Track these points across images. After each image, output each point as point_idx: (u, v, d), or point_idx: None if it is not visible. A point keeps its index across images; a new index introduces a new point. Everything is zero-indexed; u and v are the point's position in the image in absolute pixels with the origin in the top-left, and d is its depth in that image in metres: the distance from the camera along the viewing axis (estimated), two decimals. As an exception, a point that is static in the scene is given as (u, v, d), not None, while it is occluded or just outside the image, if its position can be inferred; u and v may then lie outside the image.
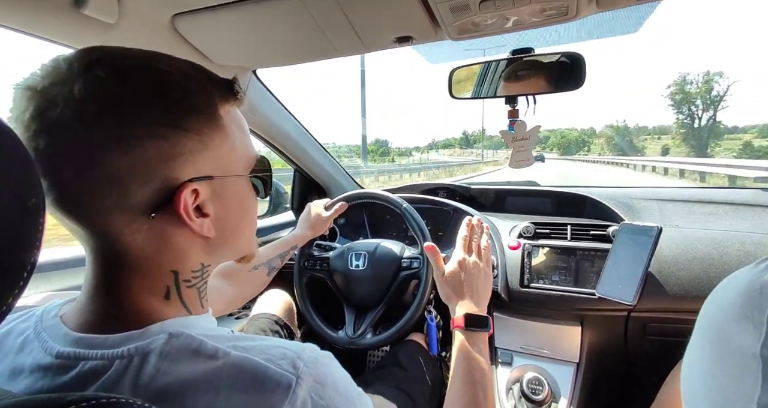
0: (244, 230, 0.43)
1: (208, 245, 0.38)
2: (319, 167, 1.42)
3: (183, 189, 0.33)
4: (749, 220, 0.97)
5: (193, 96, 0.34)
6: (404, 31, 0.73)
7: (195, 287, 0.39)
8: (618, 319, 0.91)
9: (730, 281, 0.33)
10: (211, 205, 0.36)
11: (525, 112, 0.81)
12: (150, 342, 0.31)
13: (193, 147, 0.33)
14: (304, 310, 1.03)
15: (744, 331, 0.27)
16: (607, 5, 0.60)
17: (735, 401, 0.27)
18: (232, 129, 0.37)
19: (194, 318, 0.38)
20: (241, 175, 0.40)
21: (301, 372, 0.31)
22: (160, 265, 0.35)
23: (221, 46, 0.82)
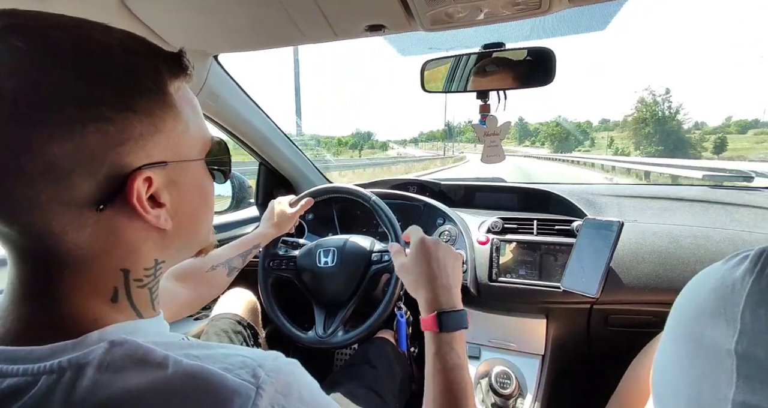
0: (202, 220, 0.40)
1: (163, 239, 0.35)
2: (285, 160, 1.37)
3: (135, 177, 0.29)
4: (699, 214, 1.03)
5: (138, 72, 0.30)
6: (376, 19, 0.71)
7: (147, 287, 0.35)
8: (581, 311, 0.94)
9: (701, 277, 0.33)
10: (166, 194, 0.33)
11: (496, 108, 0.81)
12: (87, 353, 0.27)
13: (144, 130, 0.30)
14: (270, 312, 0.99)
15: (717, 327, 0.28)
16: (579, 0, 0.60)
17: (709, 397, 0.27)
18: (184, 109, 0.34)
19: (142, 322, 0.34)
20: (198, 160, 0.37)
21: (262, 382, 0.28)
22: (108, 264, 0.31)
23: (179, 28, 0.76)
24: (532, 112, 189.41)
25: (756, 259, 0.28)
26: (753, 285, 0.27)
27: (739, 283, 0.28)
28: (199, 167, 0.37)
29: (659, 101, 73.23)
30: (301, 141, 9.68)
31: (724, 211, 1.04)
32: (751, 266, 0.28)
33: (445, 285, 0.55)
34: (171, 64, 0.33)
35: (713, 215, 1.01)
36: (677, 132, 71.12)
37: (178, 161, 0.34)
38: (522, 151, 70.80)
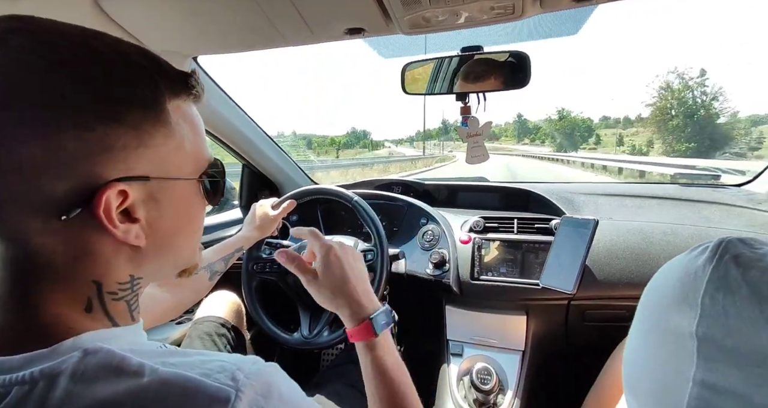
0: (184, 241, 0.38)
1: (137, 256, 0.34)
2: (269, 162, 1.37)
3: (106, 189, 0.29)
4: (671, 212, 1.07)
5: (135, 85, 0.30)
6: (355, 22, 0.72)
7: (123, 300, 0.34)
8: (559, 307, 0.97)
9: (667, 268, 0.35)
10: (143, 210, 0.32)
11: (476, 109, 0.82)
12: (60, 362, 0.26)
13: (128, 142, 0.29)
14: (254, 316, 0.98)
15: (681, 313, 0.30)
16: (550, 6, 0.62)
17: (673, 379, 0.29)
18: (181, 127, 0.34)
19: (119, 330, 0.33)
20: (188, 179, 0.36)
21: (242, 384, 0.28)
22: (80, 275, 0.31)
23: (155, 29, 0.75)
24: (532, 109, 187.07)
25: (715, 249, 0.30)
26: (712, 272, 0.29)
27: (700, 270, 0.30)
28: (189, 187, 0.36)
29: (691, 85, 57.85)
30: (284, 141, 9.58)
31: (693, 208, 1.08)
32: (711, 255, 0.30)
33: (364, 289, 0.55)
34: (175, 82, 0.33)
35: (683, 212, 1.06)
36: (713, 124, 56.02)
37: (163, 178, 0.33)
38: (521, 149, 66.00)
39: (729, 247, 0.30)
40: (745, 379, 0.25)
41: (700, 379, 0.27)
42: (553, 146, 73.11)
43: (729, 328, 0.26)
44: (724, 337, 0.27)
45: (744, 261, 0.28)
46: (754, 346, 0.25)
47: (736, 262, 0.28)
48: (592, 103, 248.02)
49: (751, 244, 0.30)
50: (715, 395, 0.26)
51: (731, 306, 0.27)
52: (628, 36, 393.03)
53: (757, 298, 0.26)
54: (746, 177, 1.21)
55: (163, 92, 0.32)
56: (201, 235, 0.42)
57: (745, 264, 0.28)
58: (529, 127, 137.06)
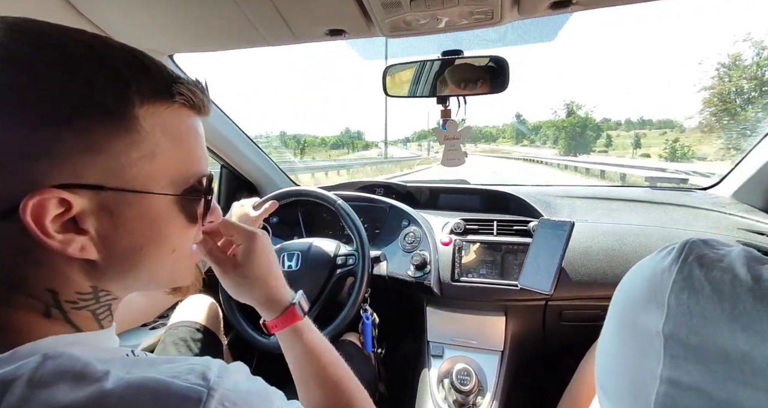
0: (157, 260, 0.34)
1: (93, 269, 0.31)
2: (248, 163, 1.34)
3: (35, 195, 0.26)
4: (642, 214, 1.11)
5: (95, 86, 0.28)
6: (336, 24, 0.71)
7: (87, 309, 0.32)
8: (537, 307, 0.99)
9: (636, 269, 0.36)
10: (93, 221, 0.29)
11: (456, 112, 0.83)
12: (16, 368, 0.25)
13: (76, 147, 0.27)
14: (232, 319, 0.96)
15: (649, 313, 0.31)
16: (527, 13, 0.63)
17: (642, 377, 0.30)
18: (154, 136, 0.31)
19: (84, 335, 0.32)
20: (160, 194, 0.32)
21: (213, 383, 0.27)
22: (32, 281, 0.29)
23: (130, 26, 0.73)
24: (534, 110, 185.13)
25: (681, 250, 0.31)
26: (678, 272, 0.30)
27: (666, 271, 0.31)
28: (164, 202, 0.33)
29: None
30: (266, 141, 9.35)
31: (663, 210, 1.12)
32: (677, 256, 0.31)
33: (280, 276, 0.55)
34: (153, 86, 0.30)
35: (654, 215, 1.10)
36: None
37: (122, 190, 0.30)
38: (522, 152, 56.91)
39: (693, 248, 0.31)
40: (708, 375, 0.26)
41: (667, 377, 0.28)
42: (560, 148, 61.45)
43: (693, 327, 0.27)
44: (688, 335, 0.28)
45: (707, 261, 0.29)
46: (716, 343, 0.26)
47: (700, 263, 0.30)
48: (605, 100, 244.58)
49: (714, 245, 0.31)
50: (680, 392, 0.27)
51: (695, 305, 0.28)
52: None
53: (718, 297, 0.27)
54: (711, 181, 1.27)
55: (131, 96, 0.29)
56: (188, 254, 0.39)
57: (708, 264, 0.29)
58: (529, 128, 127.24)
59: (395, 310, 1.16)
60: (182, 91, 0.32)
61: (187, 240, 0.37)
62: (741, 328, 0.26)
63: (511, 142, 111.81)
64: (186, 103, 0.33)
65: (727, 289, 0.27)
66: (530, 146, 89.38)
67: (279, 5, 0.64)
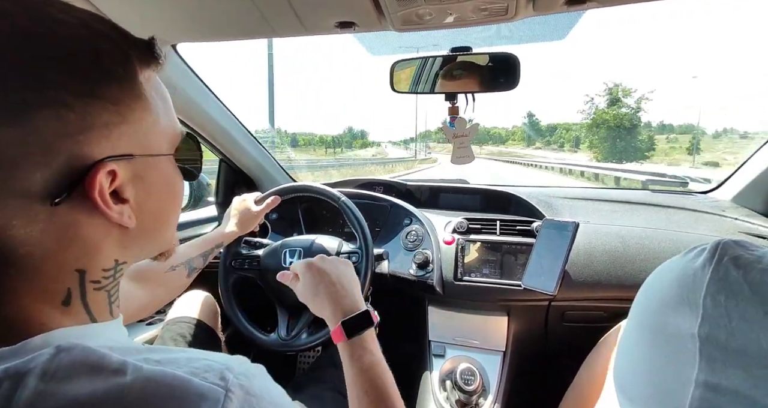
0: (168, 220, 0.38)
1: (125, 237, 0.33)
2: (247, 157, 1.32)
3: (98, 169, 0.27)
4: (643, 216, 1.11)
5: (107, 56, 0.28)
6: (347, 16, 0.70)
7: (105, 289, 0.32)
8: (540, 308, 0.99)
9: (663, 271, 0.35)
10: (131, 189, 0.31)
11: (465, 110, 0.83)
12: (28, 360, 0.24)
13: (109, 119, 0.28)
14: (230, 314, 0.95)
15: (680, 315, 0.30)
16: (542, 9, 0.63)
17: (673, 381, 0.29)
18: (154, 100, 0.32)
19: (96, 326, 0.31)
20: (167, 155, 0.35)
21: (231, 384, 0.26)
22: (62, 264, 0.29)
23: (134, 14, 0.71)
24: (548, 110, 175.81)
25: (713, 250, 0.30)
26: (713, 273, 0.29)
27: (699, 272, 0.30)
28: (169, 163, 0.35)
29: None
30: (264, 138, 9.24)
31: (664, 213, 1.13)
32: (710, 256, 0.30)
33: (343, 293, 0.59)
34: (143, 51, 0.31)
35: (655, 217, 1.10)
36: None
37: (146, 155, 0.32)
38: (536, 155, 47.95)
39: (727, 248, 0.30)
40: (750, 380, 0.25)
41: (703, 381, 0.27)
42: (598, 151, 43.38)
43: (732, 330, 0.27)
44: (727, 338, 0.27)
45: (743, 262, 0.28)
46: (759, 347, 0.25)
47: (736, 264, 0.29)
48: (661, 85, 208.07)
49: (747, 246, 0.30)
50: (718, 396, 0.26)
51: (734, 307, 0.27)
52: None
53: (759, 299, 0.26)
54: (711, 185, 1.28)
55: (134, 63, 0.30)
56: (179, 215, 0.41)
57: (745, 265, 0.28)
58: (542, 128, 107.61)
59: (397, 309, 1.15)
60: (159, 54, 0.33)
61: (182, 199, 0.40)
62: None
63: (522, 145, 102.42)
64: (162, 64, 0.34)
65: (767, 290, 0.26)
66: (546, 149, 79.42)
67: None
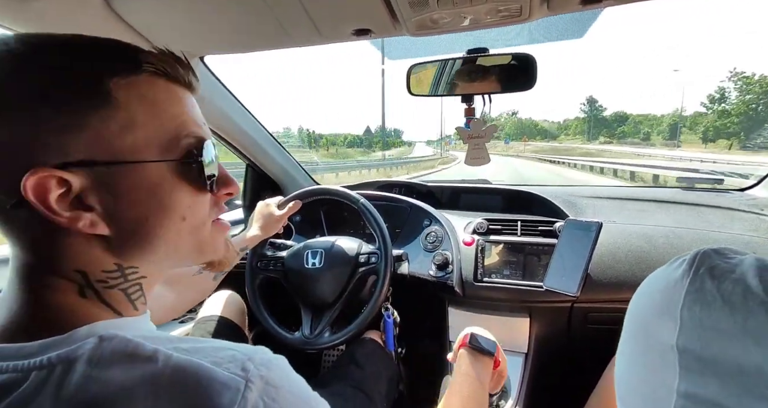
0: (167, 230, 0.34)
1: (110, 244, 0.32)
2: (272, 162, 1.37)
3: (31, 176, 0.27)
4: (673, 215, 1.07)
5: (68, 68, 0.29)
6: (363, 23, 0.72)
7: (118, 289, 0.33)
8: (563, 309, 0.97)
9: (650, 280, 0.36)
10: (95, 197, 0.30)
11: (482, 111, 0.83)
12: (76, 348, 0.27)
13: (58, 126, 0.28)
14: (257, 313, 0.99)
15: (662, 325, 0.30)
16: (557, 9, 0.62)
17: (659, 391, 0.30)
18: (129, 106, 0.31)
19: (128, 320, 0.34)
20: (150, 162, 0.32)
21: (251, 374, 0.28)
22: (61, 263, 0.31)
23: (164, 29, 0.75)
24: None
25: (692, 261, 0.31)
26: (690, 284, 0.30)
27: (679, 283, 0.30)
28: (159, 170, 0.33)
29: None
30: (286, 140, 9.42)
31: (695, 212, 1.08)
32: (688, 267, 0.31)
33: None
34: (121, 59, 0.32)
35: (685, 216, 1.06)
36: None
37: (112, 162, 0.30)
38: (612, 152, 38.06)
39: (705, 258, 0.30)
40: (724, 389, 0.26)
41: (684, 391, 0.28)
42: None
43: (706, 340, 0.27)
44: (702, 348, 0.27)
45: (718, 273, 0.29)
46: (730, 356, 0.26)
47: (711, 274, 0.29)
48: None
49: (726, 254, 0.30)
50: (697, 406, 0.27)
51: (707, 318, 0.27)
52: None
53: (730, 310, 0.27)
54: (749, 181, 1.22)
55: (101, 71, 0.30)
56: (208, 224, 0.39)
57: (719, 276, 0.29)
58: (607, 119, 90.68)
59: (417, 309, 1.16)
60: (150, 61, 0.32)
61: (199, 208, 0.37)
62: (753, 342, 0.25)
63: (581, 140, 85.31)
64: (157, 72, 0.33)
65: (738, 301, 0.27)
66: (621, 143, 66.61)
67: (307, 5, 0.65)
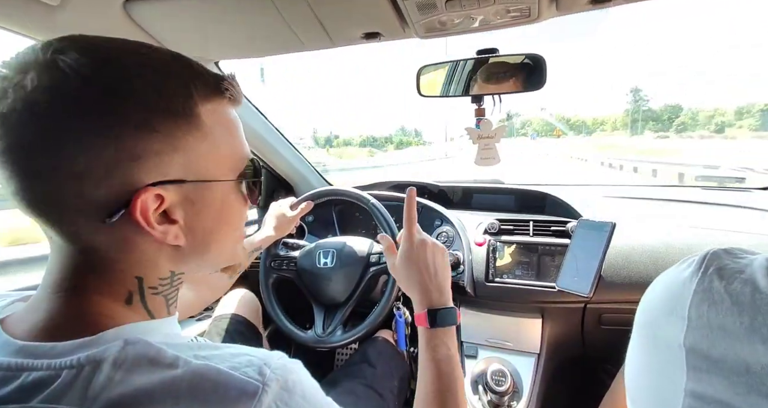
0: (222, 240, 0.39)
1: (178, 254, 0.36)
2: (285, 164, 1.39)
3: (140, 193, 0.30)
4: (693, 215, 1.05)
5: (164, 94, 0.31)
6: (372, 27, 0.73)
7: (162, 295, 0.37)
8: (575, 310, 0.96)
9: (659, 280, 0.36)
10: (180, 212, 0.34)
11: (491, 112, 0.83)
12: (103, 350, 0.29)
13: (160, 148, 0.31)
14: (271, 311, 1.01)
15: (670, 325, 0.30)
16: (565, 9, 0.62)
17: (666, 390, 0.30)
18: (215, 130, 0.35)
19: (155, 323, 0.36)
20: (224, 181, 0.37)
21: (268, 379, 0.29)
22: (124, 270, 0.34)
23: (180, 35, 0.78)
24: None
25: (701, 261, 0.31)
26: (698, 284, 0.30)
27: (687, 283, 0.31)
28: (226, 187, 0.37)
29: None
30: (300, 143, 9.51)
31: (717, 212, 1.05)
32: (697, 267, 0.31)
33: (435, 285, 0.59)
34: (208, 86, 0.34)
35: (707, 216, 1.03)
36: None
37: (198, 181, 0.34)
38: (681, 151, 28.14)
39: (714, 259, 0.30)
40: (731, 388, 0.26)
41: (691, 390, 0.28)
42: None
43: (713, 340, 0.27)
44: (709, 348, 0.27)
45: (727, 273, 0.29)
46: (737, 356, 0.26)
47: (720, 275, 0.29)
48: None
49: (736, 254, 0.30)
50: (705, 405, 0.27)
51: (714, 317, 0.28)
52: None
53: (738, 310, 0.27)
54: (773, 180, 1.18)
55: (195, 98, 0.33)
56: (242, 234, 0.44)
57: (728, 276, 0.29)
58: (657, 112, 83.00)
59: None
60: (228, 88, 0.36)
61: (243, 220, 0.43)
62: (760, 341, 0.25)
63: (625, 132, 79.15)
64: (231, 98, 0.36)
65: (746, 301, 0.27)
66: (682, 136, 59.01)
67: (317, 10, 0.67)
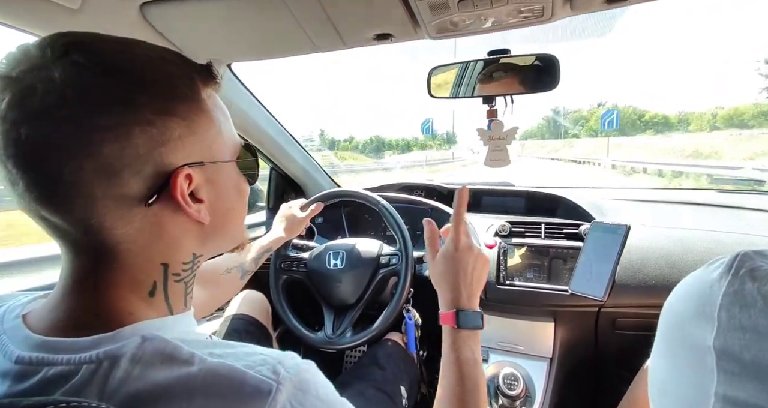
0: (236, 217, 0.43)
1: (202, 233, 0.38)
2: (295, 165, 1.40)
3: (177, 174, 0.33)
4: (709, 218, 1.02)
5: (175, 80, 0.34)
6: (383, 28, 0.73)
7: (183, 281, 0.38)
8: (589, 314, 0.94)
9: (686, 282, 0.35)
10: (205, 191, 0.36)
11: (503, 112, 0.82)
12: (121, 345, 0.29)
13: (181, 132, 0.33)
14: (281, 312, 1.01)
15: (699, 327, 0.29)
16: (580, 8, 0.61)
17: (695, 394, 0.29)
18: (216, 114, 0.37)
19: (172, 319, 0.36)
20: (230, 161, 0.40)
21: (282, 378, 0.29)
22: (151, 258, 0.35)
23: (194, 38, 0.79)
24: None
25: (731, 262, 0.30)
26: (728, 286, 0.29)
27: (716, 284, 0.30)
28: (233, 169, 0.41)
29: None
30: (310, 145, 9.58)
31: (736, 215, 1.03)
32: (727, 269, 0.30)
33: (467, 290, 0.58)
34: (203, 73, 0.36)
35: (723, 219, 1.01)
36: None
37: (214, 162, 0.37)
38: None
39: (745, 260, 0.30)
40: (765, 391, 0.25)
41: (722, 394, 0.27)
42: None
43: (746, 342, 0.26)
44: (741, 350, 0.26)
45: (760, 274, 0.28)
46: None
47: (752, 276, 0.28)
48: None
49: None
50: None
51: (747, 319, 0.27)
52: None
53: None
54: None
55: (197, 84, 0.35)
56: (246, 213, 0.47)
57: (761, 277, 0.28)
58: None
59: (437, 312, 1.16)
60: (217, 75, 0.38)
61: (247, 200, 0.45)
62: None
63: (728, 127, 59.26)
64: (217, 84, 0.38)
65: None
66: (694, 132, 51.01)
67: (329, 11, 0.67)
